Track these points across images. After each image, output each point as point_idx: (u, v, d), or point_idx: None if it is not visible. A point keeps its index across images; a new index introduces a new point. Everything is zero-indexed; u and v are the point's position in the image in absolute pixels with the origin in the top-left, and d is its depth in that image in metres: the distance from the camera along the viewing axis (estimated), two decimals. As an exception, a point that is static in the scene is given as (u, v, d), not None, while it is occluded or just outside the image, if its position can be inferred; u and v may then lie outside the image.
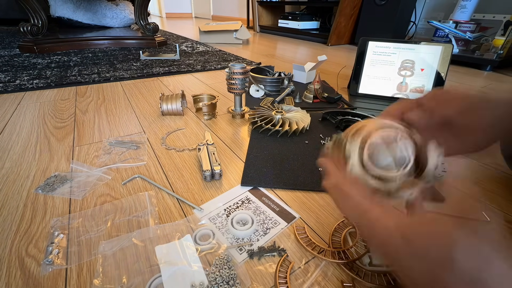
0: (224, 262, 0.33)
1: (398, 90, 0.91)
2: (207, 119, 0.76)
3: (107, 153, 0.59)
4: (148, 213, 0.42)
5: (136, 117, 0.77)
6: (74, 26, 2.13)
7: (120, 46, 1.80)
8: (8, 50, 1.57)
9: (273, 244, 0.37)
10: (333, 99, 0.87)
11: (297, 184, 0.49)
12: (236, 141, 0.65)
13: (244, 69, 0.70)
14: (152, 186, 0.49)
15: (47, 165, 0.54)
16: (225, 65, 1.37)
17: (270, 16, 3.03)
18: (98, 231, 0.39)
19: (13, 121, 0.73)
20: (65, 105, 0.85)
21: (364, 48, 0.93)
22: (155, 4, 5.24)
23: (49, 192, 0.46)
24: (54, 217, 0.41)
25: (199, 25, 2.34)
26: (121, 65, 1.32)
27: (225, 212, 0.43)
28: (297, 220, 0.42)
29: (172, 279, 0.32)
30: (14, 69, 1.19)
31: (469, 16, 1.60)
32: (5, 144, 0.62)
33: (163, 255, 0.35)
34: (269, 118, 0.69)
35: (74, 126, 0.71)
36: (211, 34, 2.14)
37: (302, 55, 1.77)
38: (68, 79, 1.07)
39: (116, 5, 2.20)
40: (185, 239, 0.37)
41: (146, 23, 1.79)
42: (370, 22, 1.99)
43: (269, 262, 0.35)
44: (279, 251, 0.36)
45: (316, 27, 2.55)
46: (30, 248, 0.36)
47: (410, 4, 1.90)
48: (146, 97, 0.93)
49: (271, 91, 0.96)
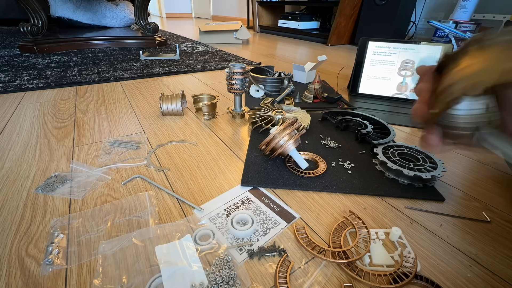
0: (224, 262, 0.33)
1: (398, 90, 0.91)
2: (207, 119, 0.76)
3: (107, 153, 0.59)
4: (148, 213, 0.42)
5: (136, 117, 0.77)
6: (74, 26, 2.14)
7: (120, 46, 1.80)
8: (8, 50, 1.57)
9: (273, 244, 0.37)
10: (333, 99, 0.87)
11: (297, 184, 0.49)
12: (236, 141, 0.65)
13: (244, 69, 0.70)
14: (152, 186, 0.49)
15: (47, 165, 0.54)
16: (225, 65, 1.37)
17: (270, 16, 3.03)
18: (98, 231, 0.39)
19: (13, 121, 0.73)
20: (65, 105, 0.85)
21: (364, 48, 0.93)
22: (155, 4, 5.24)
23: (49, 192, 0.46)
24: (54, 217, 0.41)
25: (199, 25, 2.34)
26: (121, 65, 1.32)
27: (225, 212, 0.43)
28: (297, 220, 0.42)
29: (172, 279, 0.32)
30: (14, 69, 1.19)
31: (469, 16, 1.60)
32: (5, 144, 0.62)
33: (163, 255, 0.35)
34: (269, 118, 0.69)
35: (74, 126, 0.71)
36: (211, 34, 2.14)
37: (302, 55, 1.77)
38: (68, 79, 1.07)
39: (116, 5, 2.20)
40: (185, 239, 0.37)
41: (146, 23, 1.79)
42: (370, 22, 1.99)
43: (269, 262, 0.35)
44: (279, 251, 0.36)
45: (316, 27, 2.55)
46: (30, 248, 0.36)
47: (410, 4, 1.90)
48: (146, 97, 0.93)
49: (271, 91, 0.96)
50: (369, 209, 0.45)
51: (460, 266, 0.35)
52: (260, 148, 0.55)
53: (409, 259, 0.35)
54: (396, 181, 0.50)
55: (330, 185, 0.49)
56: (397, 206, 0.45)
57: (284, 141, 0.51)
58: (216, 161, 0.57)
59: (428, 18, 1.98)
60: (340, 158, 0.57)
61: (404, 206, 0.45)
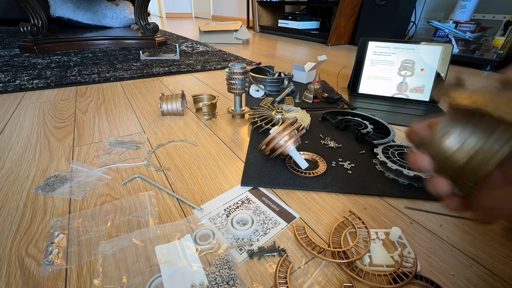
0: (224, 262, 0.33)
1: (398, 90, 0.91)
2: (207, 119, 0.76)
3: (107, 153, 0.59)
4: (148, 213, 0.42)
5: (136, 117, 0.77)
6: (74, 26, 2.13)
7: (120, 46, 1.80)
8: (8, 50, 1.57)
9: (273, 244, 0.37)
10: (333, 99, 0.87)
11: (297, 184, 0.49)
12: (236, 141, 0.65)
13: (244, 69, 0.70)
14: (152, 186, 0.49)
15: (47, 165, 0.54)
16: (225, 65, 1.37)
17: (270, 16, 3.03)
18: (98, 231, 0.39)
19: (13, 121, 0.73)
20: (65, 105, 0.85)
21: (364, 48, 0.93)
22: (155, 4, 5.24)
23: (49, 192, 0.46)
24: (54, 217, 0.41)
25: (199, 25, 2.34)
26: (121, 65, 1.32)
27: (225, 212, 0.43)
28: (297, 220, 0.42)
29: (172, 279, 0.32)
30: (14, 69, 1.19)
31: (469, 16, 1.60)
32: (5, 144, 0.62)
33: (163, 255, 0.35)
34: (269, 118, 0.69)
35: (74, 126, 0.71)
36: (211, 34, 2.14)
37: (302, 55, 1.77)
38: (68, 79, 1.07)
39: (116, 5, 2.20)
40: (185, 239, 0.37)
41: (146, 23, 1.79)
42: (370, 22, 1.99)
43: (269, 262, 0.35)
44: (279, 251, 0.36)
45: (316, 27, 2.55)
46: (30, 248, 0.36)
47: (410, 4, 1.90)
48: (146, 97, 0.93)
49: (271, 91, 0.96)
50: (369, 209, 0.45)
51: (460, 266, 0.35)
52: (260, 148, 0.55)
53: (409, 259, 0.35)
54: (396, 181, 0.50)
55: (330, 185, 0.49)
56: (397, 206, 0.45)
57: (284, 141, 0.51)
58: (216, 161, 0.57)
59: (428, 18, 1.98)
60: (340, 158, 0.57)
61: (404, 206, 0.45)
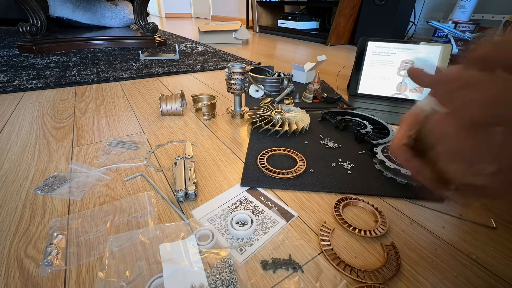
0: (225, 266, 0.33)
1: (397, 90, 0.91)
2: (206, 119, 0.76)
3: (107, 153, 0.58)
4: (147, 213, 0.42)
5: (135, 117, 0.77)
6: (73, 26, 2.13)
7: (119, 46, 1.80)
8: (7, 50, 1.56)
9: (290, 258, 0.35)
10: (332, 99, 0.87)
11: (297, 184, 0.49)
12: (235, 141, 0.65)
13: (243, 69, 0.70)
14: (152, 187, 0.49)
15: (46, 165, 0.54)
16: (225, 65, 1.37)
17: (269, 16, 3.03)
18: (97, 232, 0.39)
19: (12, 121, 0.73)
20: (64, 105, 0.85)
21: (363, 48, 0.93)
22: (154, 4, 5.23)
23: (48, 193, 0.46)
24: (53, 218, 0.41)
25: (198, 25, 2.33)
26: (120, 65, 1.32)
27: (224, 212, 0.43)
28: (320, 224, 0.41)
29: (173, 278, 0.32)
30: (13, 69, 1.19)
31: (468, 16, 1.60)
32: (4, 144, 0.62)
33: (167, 253, 0.35)
34: (269, 118, 0.69)
35: (73, 126, 0.71)
36: (211, 34, 2.14)
37: (302, 55, 1.77)
38: (67, 79, 1.07)
39: (116, 5, 2.19)
40: (189, 239, 0.37)
41: (146, 23, 1.78)
42: (369, 22, 1.99)
43: (280, 277, 0.33)
44: (294, 265, 0.34)
45: (315, 27, 2.55)
46: (29, 249, 0.36)
47: (409, 4, 1.91)
48: (145, 97, 0.93)
49: (270, 91, 0.96)
50: (369, 209, 0.44)
51: (460, 266, 0.35)
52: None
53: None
54: (394, 180, 0.50)
55: (330, 185, 0.49)
56: (396, 206, 0.45)
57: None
58: (216, 161, 0.57)
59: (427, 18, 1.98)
60: (340, 158, 0.57)
61: (403, 205, 0.45)
